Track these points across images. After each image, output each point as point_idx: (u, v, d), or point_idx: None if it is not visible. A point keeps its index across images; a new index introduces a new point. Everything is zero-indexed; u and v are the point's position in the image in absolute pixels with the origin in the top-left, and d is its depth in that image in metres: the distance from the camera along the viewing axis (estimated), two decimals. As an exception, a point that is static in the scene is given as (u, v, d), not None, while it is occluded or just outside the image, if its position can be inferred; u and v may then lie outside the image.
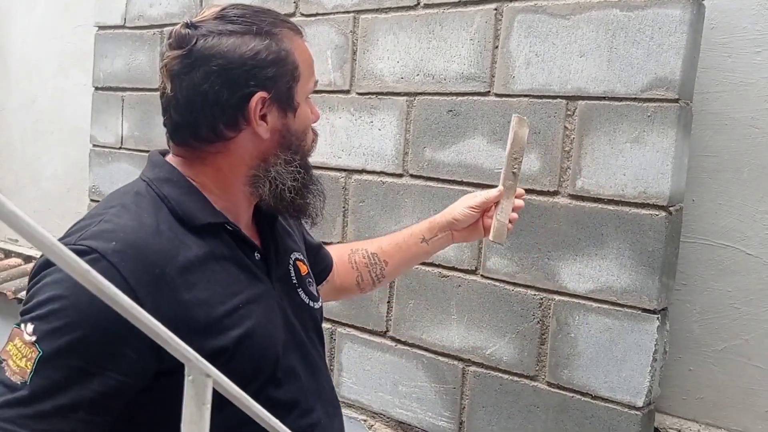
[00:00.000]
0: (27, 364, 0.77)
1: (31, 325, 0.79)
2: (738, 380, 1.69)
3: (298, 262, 1.11)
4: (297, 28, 0.97)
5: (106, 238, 0.82)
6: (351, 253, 1.37)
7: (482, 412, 1.81)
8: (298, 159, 0.98)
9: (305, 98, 0.99)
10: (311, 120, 1.02)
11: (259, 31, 0.91)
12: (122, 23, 2.64)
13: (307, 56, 0.98)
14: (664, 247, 1.53)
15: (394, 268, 1.36)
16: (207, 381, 0.49)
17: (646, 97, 1.53)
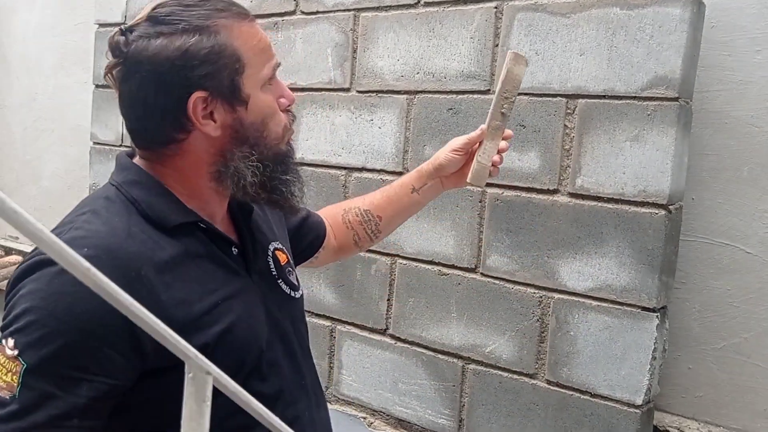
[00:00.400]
0: (13, 378, 0.76)
1: (11, 339, 0.77)
2: (737, 378, 1.69)
3: (277, 251, 1.09)
4: (242, 14, 0.91)
5: (77, 245, 0.80)
6: (344, 212, 1.34)
7: (482, 410, 1.81)
8: (257, 152, 0.92)
9: (261, 86, 0.92)
10: (276, 106, 0.95)
11: (188, 27, 0.85)
12: (123, 21, 2.64)
13: (255, 42, 0.90)
14: (663, 246, 1.53)
15: (387, 221, 1.34)
16: (207, 378, 0.49)
17: (646, 96, 1.53)
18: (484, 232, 1.79)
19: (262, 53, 0.91)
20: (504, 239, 1.75)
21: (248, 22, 0.91)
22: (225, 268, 0.95)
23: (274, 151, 0.95)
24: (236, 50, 0.88)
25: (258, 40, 0.91)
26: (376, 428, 2.03)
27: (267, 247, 1.07)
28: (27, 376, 0.76)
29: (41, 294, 0.78)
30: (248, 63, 0.89)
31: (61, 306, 0.77)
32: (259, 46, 0.91)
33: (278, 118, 0.95)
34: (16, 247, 3.46)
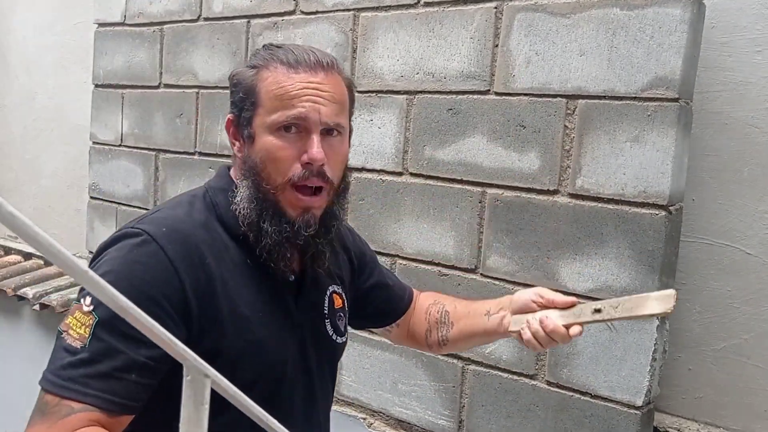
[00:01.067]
0: (86, 330, 0.87)
1: (89, 297, 0.88)
2: (737, 379, 1.69)
3: (335, 294, 1.16)
4: (290, 63, 0.97)
5: (158, 224, 0.94)
6: (432, 303, 1.34)
7: (481, 411, 1.81)
8: (254, 188, 0.98)
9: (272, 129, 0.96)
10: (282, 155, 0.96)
11: (252, 63, 1.01)
12: (122, 20, 2.64)
13: (274, 88, 0.96)
14: (663, 247, 1.53)
15: (457, 334, 1.27)
16: (205, 381, 0.49)
17: (646, 97, 1.53)
18: (484, 233, 1.79)
19: (277, 100, 0.96)
20: (504, 240, 1.75)
21: (289, 69, 0.96)
22: (276, 288, 1.03)
23: (270, 196, 0.97)
24: (256, 91, 0.97)
25: (280, 87, 0.96)
26: (375, 429, 2.03)
27: (327, 287, 1.14)
28: (97, 329, 0.86)
29: (120, 260, 0.90)
30: (261, 104, 0.97)
31: (135, 272, 0.89)
32: (278, 93, 0.96)
33: (280, 167, 0.96)
34: (16, 247, 3.45)
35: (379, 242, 1.98)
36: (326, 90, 0.97)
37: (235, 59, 2.29)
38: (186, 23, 2.43)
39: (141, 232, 0.92)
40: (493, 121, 1.75)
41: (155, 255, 0.90)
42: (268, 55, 0.99)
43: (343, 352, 1.20)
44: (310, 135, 0.96)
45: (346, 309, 1.19)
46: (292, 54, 0.97)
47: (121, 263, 0.90)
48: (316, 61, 0.97)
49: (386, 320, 1.35)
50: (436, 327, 1.30)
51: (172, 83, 2.49)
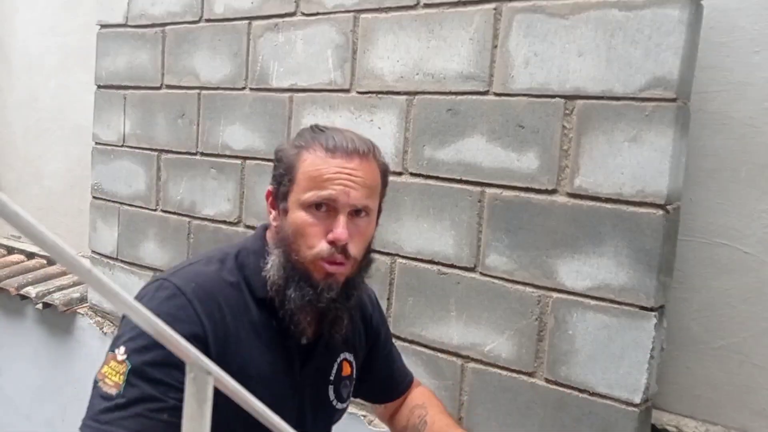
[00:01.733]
0: (120, 378, 0.95)
1: (123, 347, 0.97)
2: (735, 378, 1.70)
3: (345, 362, 1.23)
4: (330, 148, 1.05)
5: (188, 279, 1.04)
6: (419, 405, 1.42)
7: (481, 408, 1.82)
8: (284, 257, 1.07)
9: (304, 206, 1.05)
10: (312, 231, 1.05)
11: (297, 142, 1.10)
12: (124, 22, 2.65)
13: (311, 169, 1.05)
14: (661, 246, 1.54)
15: None
16: (208, 379, 0.50)
17: (644, 97, 1.54)
18: (483, 232, 1.80)
19: (311, 180, 1.05)
20: (503, 239, 1.76)
21: (327, 153, 1.05)
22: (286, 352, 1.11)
23: (299, 265, 1.06)
24: (295, 169, 1.07)
25: (316, 169, 1.05)
26: (376, 426, 2.04)
27: (339, 354, 1.22)
28: (130, 376, 0.94)
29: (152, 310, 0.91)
30: (297, 182, 1.06)
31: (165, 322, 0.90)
32: (313, 174, 1.05)
33: (309, 241, 1.05)
34: (18, 247, 3.47)
35: (379, 242, 1.99)
36: (358, 175, 1.05)
37: (236, 60, 2.30)
38: (187, 24, 2.44)
39: (170, 286, 1.03)
40: (492, 122, 1.76)
41: (184, 308, 1.00)
42: (311, 137, 1.08)
43: (341, 418, 1.30)
44: (338, 215, 1.05)
45: (353, 378, 1.28)
46: (333, 140, 1.06)
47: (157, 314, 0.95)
48: (353, 148, 1.06)
49: (377, 399, 1.46)
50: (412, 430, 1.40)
51: (174, 84, 2.50)
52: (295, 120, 2.16)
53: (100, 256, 2.81)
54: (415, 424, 1.40)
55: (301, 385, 1.14)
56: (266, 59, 2.22)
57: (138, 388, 0.94)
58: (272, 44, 2.20)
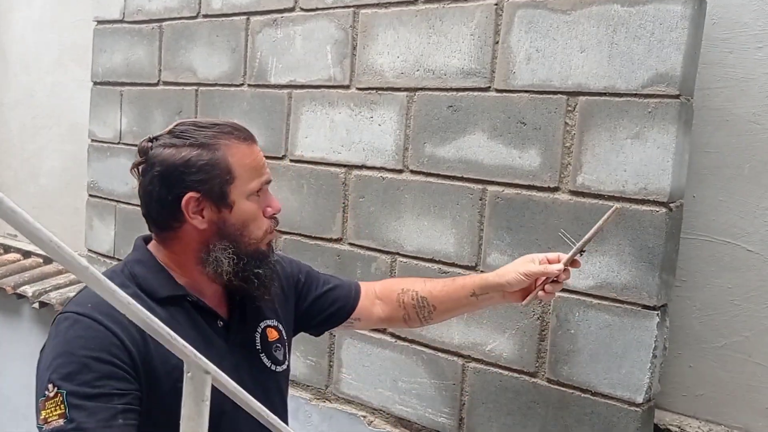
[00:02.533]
0: (61, 407, 0.96)
1: (49, 384, 0.98)
2: (738, 377, 1.69)
3: (269, 329, 1.29)
4: (243, 137, 1.14)
5: (82, 304, 1.06)
6: (401, 292, 1.48)
7: (482, 409, 1.81)
8: (235, 247, 1.14)
9: (248, 196, 1.13)
10: (260, 213, 1.16)
11: (195, 142, 1.11)
12: (121, 18, 2.63)
13: (248, 161, 1.13)
14: (664, 244, 1.52)
15: (440, 312, 1.46)
16: (206, 378, 0.49)
17: (646, 93, 1.53)
18: (484, 230, 1.78)
19: (252, 171, 1.14)
20: (504, 237, 1.75)
21: (247, 144, 1.14)
22: (204, 336, 1.15)
23: (253, 248, 1.16)
24: (229, 165, 1.11)
25: (251, 159, 1.14)
26: (376, 427, 2.03)
27: (258, 323, 1.27)
28: (69, 398, 0.96)
29: (61, 344, 1.02)
30: (238, 176, 1.12)
31: (77, 345, 1.00)
32: (251, 165, 1.14)
33: (260, 223, 1.16)
34: (15, 245, 3.45)
35: (379, 240, 1.97)
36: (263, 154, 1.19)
37: (234, 56, 2.28)
38: (185, 20, 2.42)
39: (69, 315, 1.05)
40: (493, 119, 1.75)
41: (91, 327, 1.02)
42: (214, 133, 1.12)
43: (288, 379, 1.34)
44: (267, 192, 1.19)
45: (284, 338, 1.33)
46: (237, 130, 1.15)
47: (63, 345, 1.01)
48: (249, 132, 1.18)
49: (339, 320, 1.48)
50: (414, 311, 1.46)
51: (171, 80, 2.48)
52: (294, 117, 2.15)
53: (96, 255, 2.79)
54: (414, 306, 1.46)
55: (234, 362, 1.18)
56: (265, 55, 2.21)
57: (82, 407, 0.96)
58: (271, 40, 2.18)
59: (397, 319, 1.50)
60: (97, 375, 0.99)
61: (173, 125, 1.16)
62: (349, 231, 2.04)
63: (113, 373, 1.00)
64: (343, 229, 2.05)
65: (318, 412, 2.14)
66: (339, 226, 2.06)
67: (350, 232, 2.04)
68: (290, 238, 2.17)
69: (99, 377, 0.99)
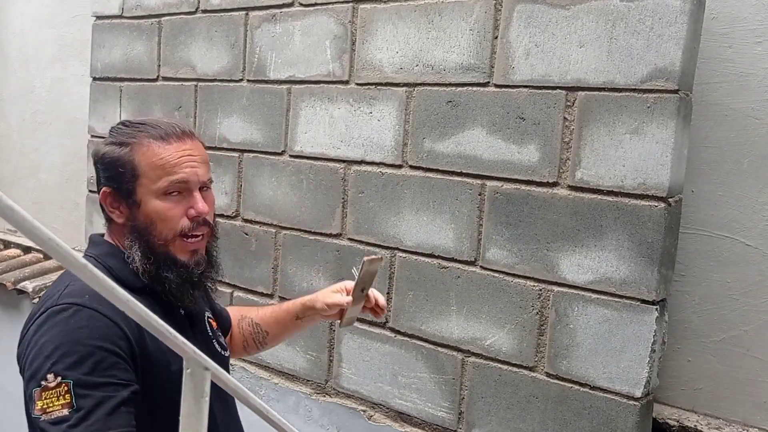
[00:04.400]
0: (66, 397, 0.96)
1: (50, 374, 0.98)
2: (737, 371, 1.69)
3: (210, 319, 1.34)
4: (163, 137, 1.13)
5: (78, 294, 1.05)
6: (240, 319, 1.54)
7: (481, 403, 1.81)
8: (144, 245, 1.14)
9: (159, 195, 1.12)
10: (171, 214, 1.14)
11: (114, 141, 1.14)
12: (120, 13, 2.62)
13: (156, 159, 1.12)
14: (663, 238, 1.53)
15: (273, 337, 1.53)
16: (205, 374, 0.49)
17: (645, 88, 1.53)
18: (483, 225, 1.79)
19: (159, 169, 1.12)
20: (503, 232, 1.75)
21: (162, 143, 1.13)
22: (177, 323, 1.18)
23: (162, 249, 1.14)
24: (135, 164, 1.12)
25: (159, 158, 1.12)
26: (375, 421, 2.03)
27: (204, 314, 1.32)
28: (76, 389, 0.96)
29: (64, 332, 1.01)
30: (143, 175, 1.12)
31: (83, 335, 1.00)
32: (158, 164, 1.12)
33: (170, 224, 1.14)
34: (15, 240, 3.45)
35: (379, 235, 1.98)
36: (196, 154, 1.15)
37: (233, 51, 2.28)
38: (184, 15, 2.42)
39: (69, 305, 1.04)
40: (492, 114, 1.75)
41: (93, 317, 1.02)
42: (134, 131, 1.14)
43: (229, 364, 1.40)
44: (192, 193, 1.15)
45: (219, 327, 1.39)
46: (160, 128, 1.14)
47: (65, 335, 1.01)
48: (181, 131, 1.15)
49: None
50: (251, 337, 1.51)
51: (171, 76, 2.48)
52: (293, 112, 2.15)
53: (97, 250, 2.79)
54: (250, 332, 1.51)
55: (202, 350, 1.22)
56: (264, 50, 2.20)
57: (89, 396, 0.96)
58: (270, 35, 2.18)
59: (237, 347, 1.53)
60: (104, 364, 1.00)
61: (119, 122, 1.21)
62: (348, 226, 2.04)
63: (117, 363, 1.01)
64: (343, 225, 2.06)
65: (318, 407, 2.15)
66: (338, 221, 2.06)
67: (350, 228, 2.04)
68: (290, 234, 2.17)
69: (105, 367, 1.00)
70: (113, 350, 1.01)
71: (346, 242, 2.05)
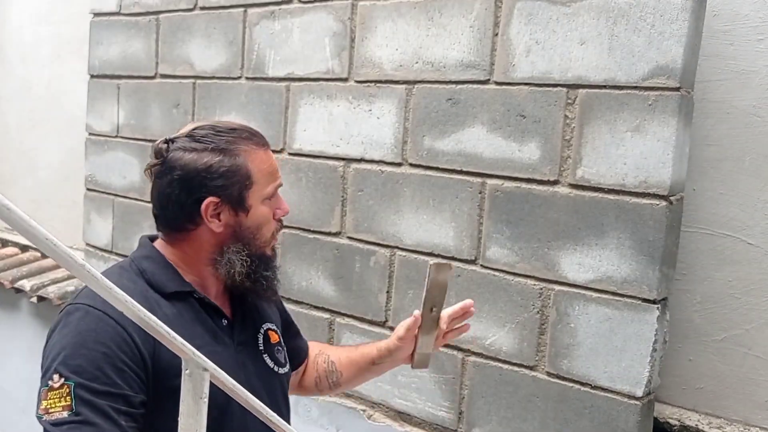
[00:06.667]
0: (67, 398, 0.96)
1: (55, 374, 0.98)
2: (738, 370, 1.69)
3: (270, 331, 1.29)
4: (260, 143, 1.16)
5: (92, 296, 1.04)
6: (317, 354, 1.49)
7: (481, 402, 1.81)
8: (248, 249, 1.15)
9: (263, 200, 1.15)
10: (271, 216, 1.18)
11: (216, 148, 1.11)
12: (117, 10, 2.61)
13: (265, 166, 1.15)
14: (664, 237, 1.52)
15: (347, 380, 1.46)
16: (204, 375, 0.48)
17: (647, 86, 1.52)
18: (484, 224, 1.78)
19: (269, 176, 1.16)
20: (504, 231, 1.74)
21: (264, 150, 1.16)
22: (212, 332, 1.15)
23: (262, 251, 1.18)
24: (249, 171, 1.12)
25: (268, 165, 1.16)
26: (375, 420, 2.03)
27: (260, 325, 1.28)
28: (77, 391, 0.96)
29: (72, 334, 1.01)
30: (256, 181, 1.13)
31: (90, 339, 1.00)
32: (268, 170, 1.16)
33: (270, 226, 1.18)
34: (13, 239, 3.44)
35: (378, 234, 1.97)
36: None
37: (231, 49, 2.27)
38: (182, 12, 2.40)
39: (81, 306, 1.04)
40: (493, 111, 1.74)
41: (102, 320, 1.02)
42: (234, 138, 1.13)
43: (289, 382, 1.33)
44: (277, 195, 1.19)
45: (283, 344, 1.33)
46: (255, 136, 1.16)
47: (73, 336, 1.01)
48: (263, 136, 1.18)
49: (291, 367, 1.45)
50: (325, 375, 1.46)
51: (169, 73, 2.47)
52: (292, 110, 2.13)
53: (94, 249, 2.78)
54: (325, 369, 1.46)
55: (241, 360, 1.19)
56: (262, 48, 2.19)
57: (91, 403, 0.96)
58: (268, 32, 2.17)
59: (309, 383, 1.48)
60: (108, 371, 0.99)
61: (191, 128, 1.15)
62: (347, 225, 2.03)
63: (122, 370, 1.00)
64: (342, 223, 2.05)
65: (317, 406, 2.14)
66: (338, 219, 2.05)
67: (349, 226, 2.03)
68: (289, 232, 2.16)
69: (109, 373, 0.99)
70: (119, 356, 1.00)
71: (345, 241, 2.04)
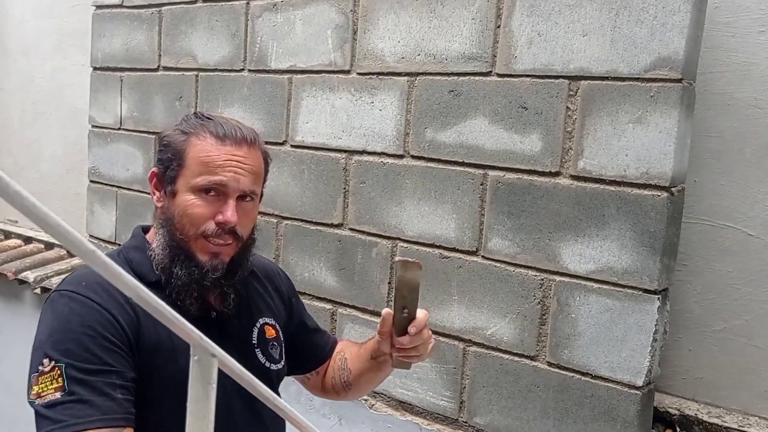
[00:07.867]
0: (59, 380, 0.96)
1: (45, 359, 0.99)
2: (738, 360, 1.69)
3: (267, 326, 1.27)
4: (218, 135, 1.11)
5: (77, 282, 1.08)
6: (338, 352, 1.43)
7: (482, 392, 1.82)
8: (168, 235, 1.12)
9: (193, 189, 1.10)
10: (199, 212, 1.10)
11: (182, 128, 1.14)
12: (120, 2, 2.61)
13: (202, 155, 1.10)
14: (665, 228, 1.53)
15: (356, 378, 1.38)
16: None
17: (649, 77, 1.52)
18: (485, 215, 1.78)
19: (202, 166, 1.10)
20: (505, 222, 1.75)
21: (217, 144, 1.11)
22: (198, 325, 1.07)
23: (182, 244, 1.12)
24: (184, 154, 1.11)
25: (207, 155, 1.10)
26: (377, 410, 2.04)
27: (257, 320, 1.25)
28: (69, 371, 0.97)
29: (58, 318, 1.03)
30: (186, 166, 1.11)
31: (75, 323, 1.02)
32: (204, 160, 1.10)
33: (195, 220, 1.11)
34: (16, 231, 3.45)
35: (380, 225, 1.98)
36: (247, 162, 1.12)
37: (234, 41, 2.27)
38: (184, 5, 2.41)
39: (65, 293, 1.06)
40: (494, 103, 1.74)
41: (85, 304, 1.03)
42: (199, 124, 1.13)
43: (282, 379, 1.29)
44: (227, 200, 1.11)
45: (281, 339, 1.29)
46: (222, 128, 1.12)
47: (58, 321, 1.03)
48: (242, 136, 1.12)
49: (308, 366, 1.42)
50: (339, 375, 1.40)
51: (171, 66, 2.47)
52: (295, 102, 2.14)
53: (97, 241, 2.79)
54: (339, 366, 1.41)
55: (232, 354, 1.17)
56: (265, 40, 2.19)
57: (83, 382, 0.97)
58: (271, 24, 2.17)
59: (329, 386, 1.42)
60: (96, 351, 1.00)
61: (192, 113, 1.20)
62: (350, 216, 2.04)
63: (110, 349, 1.02)
64: (344, 215, 2.05)
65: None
66: (340, 211, 2.06)
67: (351, 218, 2.04)
68: (291, 224, 2.17)
69: (98, 353, 1.00)
70: (106, 336, 1.02)
71: (347, 232, 2.05)
